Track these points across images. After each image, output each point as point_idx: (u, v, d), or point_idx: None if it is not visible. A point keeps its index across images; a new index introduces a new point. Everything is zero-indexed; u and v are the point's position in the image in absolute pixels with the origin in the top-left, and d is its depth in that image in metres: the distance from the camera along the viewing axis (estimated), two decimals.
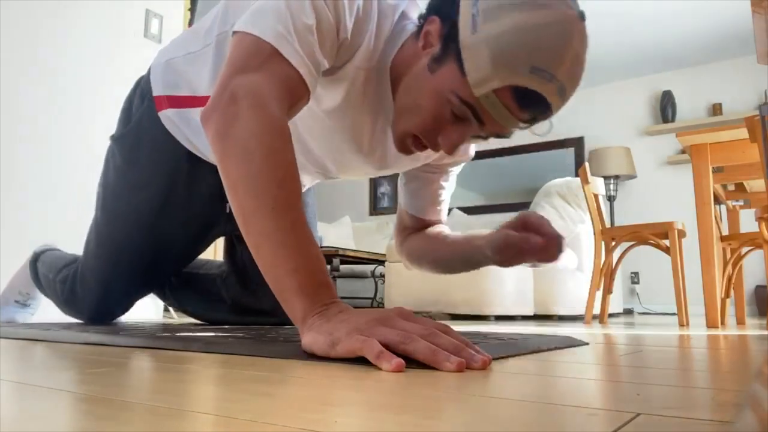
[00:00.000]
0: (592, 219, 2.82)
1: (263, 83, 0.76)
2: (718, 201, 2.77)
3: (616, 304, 3.89)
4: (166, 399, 0.41)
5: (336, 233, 5.17)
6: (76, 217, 2.11)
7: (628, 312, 4.93)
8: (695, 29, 4.47)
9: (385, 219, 5.87)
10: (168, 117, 1.18)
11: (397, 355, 0.58)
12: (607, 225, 3.35)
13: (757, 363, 0.76)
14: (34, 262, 1.53)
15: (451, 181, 1.23)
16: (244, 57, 0.79)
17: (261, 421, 0.33)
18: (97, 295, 1.33)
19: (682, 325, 2.29)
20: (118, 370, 0.57)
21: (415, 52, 0.88)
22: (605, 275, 2.77)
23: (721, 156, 2.33)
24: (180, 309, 1.57)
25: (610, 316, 3.94)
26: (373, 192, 6.35)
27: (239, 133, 0.73)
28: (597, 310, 3.00)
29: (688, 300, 2.69)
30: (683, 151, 4.78)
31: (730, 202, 2.99)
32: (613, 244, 2.76)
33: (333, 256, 3.72)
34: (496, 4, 0.75)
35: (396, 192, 5.70)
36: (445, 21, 0.82)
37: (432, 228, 1.22)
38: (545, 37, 0.74)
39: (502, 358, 0.73)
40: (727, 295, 2.53)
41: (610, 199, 4.98)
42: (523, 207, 5.16)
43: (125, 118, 1.27)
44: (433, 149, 0.90)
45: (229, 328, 1.31)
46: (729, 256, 2.67)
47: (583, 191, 2.88)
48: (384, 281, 3.57)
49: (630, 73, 5.24)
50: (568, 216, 3.60)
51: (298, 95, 0.81)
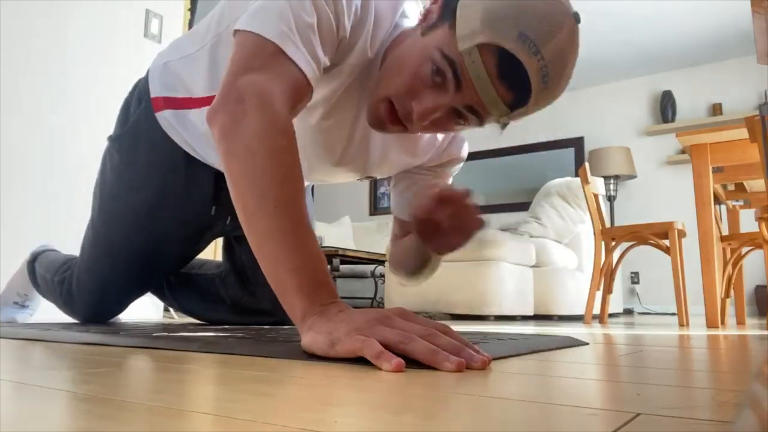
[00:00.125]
0: (592, 219, 2.82)
1: (269, 83, 0.76)
2: (718, 201, 2.77)
3: (616, 304, 3.89)
4: (166, 399, 0.41)
5: (336, 233, 5.17)
6: (75, 218, 2.11)
7: (628, 312, 4.93)
8: (695, 29, 4.48)
9: (385, 219, 5.87)
10: (165, 118, 1.18)
11: (397, 355, 0.58)
12: (607, 225, 3.35)
13: (757, 363, 0.76)
14: (32, 262, 1.53)
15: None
16: (249, 56, 0.79)
17: (261, 421, 0.33)
18: (93, 296, 1.33)
19: (682, 325, 2.29)
20: (118, 370, 0.57)
21: (410, 34, 0.89)
22: (605, 275, 2.77)
23: (721, 156, 2.33)
24: (179, 309, 1.57)
25: (610, 316, 3.94)
26: (373, 192, 6.35)
27: (244, 132, 0.74)
28: (597, 310, 3.00)
29: (688, 300, 2.69)
30: (683, 151, 4.78)
31: (730, 202, 2.99)
32: (613, 244, 2.76)
33: (333, 256, 3.72)
34: None
35: None
36: None
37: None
38: (537, 13, 0.75)
39: (502, 358, 0.73)
40: (727, 295, 2.53)
41: (610, 199, 4.98)
42: (523, 207, 5.16)
43: (123, 119, 1.27)
44: (404, 120, 0.87)
45: (228, 328, 1.31)
46: (729, 256, 2.67)
47: (583, 191, 2.88)
48: (384, 281, 3.57)
49: (630, 73, 5.25)
50: (568, 216, 3.61)
51: (301, 94, 0.81)
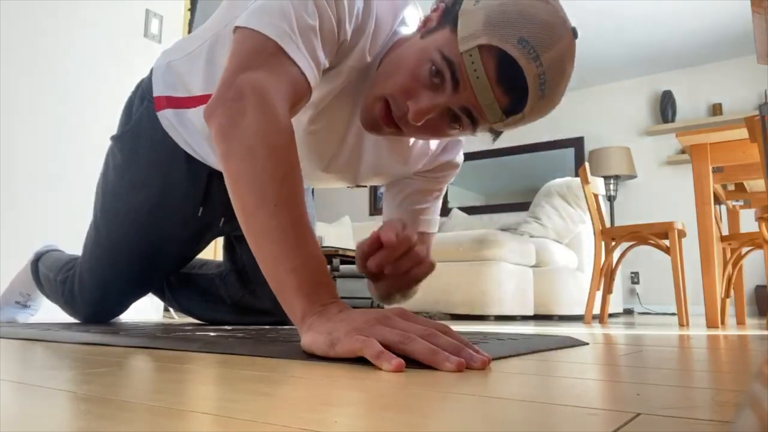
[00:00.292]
0: (592, 219, 2.82)
1: (268, 81, 0.76)
2: (718, 201, 2.77)
3: (616, 304, 3.89)
4: (166, 399, 0.41)
5: (336, 233, 5.16)
6: (76, 218, 2.11)
7: (628, 312, 4.93)
8: (695, 29, 4.47)
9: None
10: (166, 117, 1.18)
11: (397, 355, 0.58)
12: (607, 225, 3.34)
13: (757, 363, 0.76)
14: (36, 262, 1.53)
15: (437, 193, 1.20)
16: (249, 54, 0.78)
17: (261, 421, 0.33)
18: (94, 295, 1.33)
19: (682, 325, 2.29)
20: (118, 370, 0.57)
21: (409, 38, 0.90)
22: (605, 275, 2.77)
23: (721, 156, 2.33)
24: (179, 309, 1.57)
25: (610, 316, 3.94)
26: (373, 192, 6.35)
27: (243, 130, 0.73)
28: (597, 310, 3.00)
29: (688, 300, 2.69)
30: (683, 151, 4.78)
31: (730, 202, 2.99)
32: (613, 244, 2.76)
33: (333, 256, 3.72)
34: None
35: None
36: (450, 3, 0.84)
37: None
38: (538, 21, 0.77)
39: (502, 358, 0.73)
40: (727, 295, 2.53)
41: (610, 199, 4.98)
42: (523, 207, 5.16)
43: (125, 118, 1.28)
44: (399, 121, 0.87)
45: (229, 328, 1.31)
46: (729, 256, 2.67)
47: (583, 191, 2.88)
48: None
49: (630, 73, 5.25)
50: (568, 216, 3.61)
51: (300, 93, 0.81)
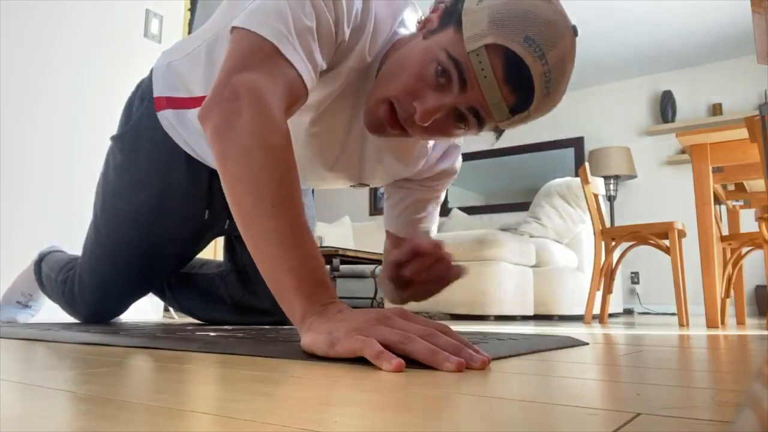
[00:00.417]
0: (592, 219, 2.82)
1: (264, 82, 0.76)
2: (718, 201, 2.77)
3: (616, 304, 3.88)
4: (166, 399, 0.41)
5: (336, 233, 5.16)
6: (76, 218, 2.11)
7: (628, 312, 4.93)
8: (695, 29, 4.47)
9: None
10: (166, 117, 1.18)
11: (397, 355, 0.58)
12: (607, 225, 3.35)
13: (757, 363, 0.76)
14: (39, 263, 1.53)
15: (436, 200, 1.22)
16: (245, 54, 0.78)
17: (261, 421, 0.33)
18: (94, 295, 1.33)
19: (682, 325, 2.29)
20: (118, 370, 0.57)
21: (408, 40, 0.90)
22: (605, 275, 2.77)
23: (721, 156, 2.33)
24: (180, 309, 1.57)
25: (610, 316, 3.94)
26: (373, 192, 6.35)
27: (239, 131, 0.73)
28: (597, 310, 3.00)
29: (688, 300, 2.69)
30: (683, 151, 4.78)
31: (730, 202, 2.99)
32: (613, 244, 2.76)
33: (333, 256, 3.71)
34: None
35: None
36: (451, 3, 0.83)
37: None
38: (543, 19, 0.77)
39: (502, 358, 0.73)
40: (727, 295, 2.53)
41: (610, 199, 4.98)
42: (523, 207, 5.16)
43: (125, 118, 1.28)
44: (404, 122, 0.87)
45: (229, 328, 1.31)
46: (729, 256, 2.67)
47: (583, 191, 2.88)
48: None
49: (630, 73, 5.25)
50: (568, 216, 3.61)
51: (296, 95, 0.81)
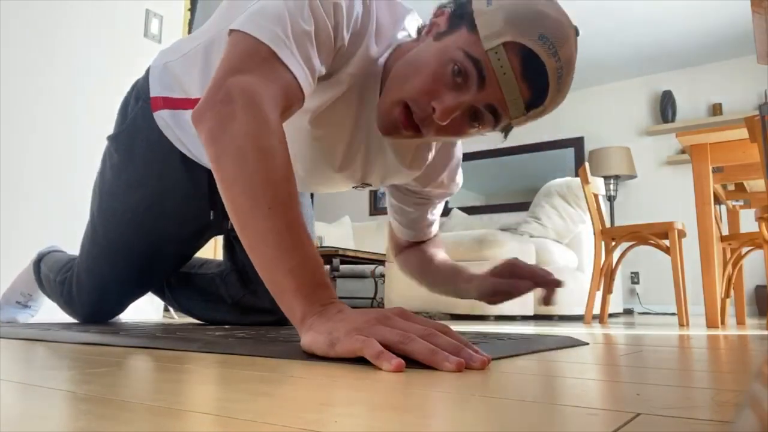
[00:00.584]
0: (592, 219, 2.82)
1: (259, 84, 0.76)
2: (718, 201, 2.77)
3: (616, 304, 3.88)
4: (166, 399, 0.41)
5: (336, 233, 5.16)
6: (76, 218, 2.11)
7: (628, 312, 4.93)
8: (695, 29, 4.47)
9: (385, 219, 5.84)
10: (162, 117, 1.18)
11: (397, 355, 0.58)
12: (607, 225, 3.34)
13: (757, 363, 0.76)
14: (38, 262, 1.53)
15: (439, 207, 1.27)
16: (241, 57, 0.78)
17: (261, 421, 0.33)
18: (92, 296, 1.33)
19: (682, 325, 2.29)
20: (118, 370, 0.57)
21: (414, 44, 0.91)
22: (605, 275, 2.77)
23: (721, 156, 2.33)
24: (179, 309, 1.57)
25: (610, 316, 3.94)
26: (373, 192, 6.35)
27: (234, 133, 0.72)
28: (597, 310, 3.00)
29: (688, 300, 2.69)
30: (683, 151, 4.78)
31: (730, 202, 2.99)
32: (613, 244, 2.75)
33: (333, 256, 3.72)
34: None
35: None
36: (456, 7, 0.85)
37: (426, 246, 1.29)
38: (552, 18, 0.80)
39: (502, 358, 0.73)
40: (727, 295, 2.53)
41: (610, 199, 4.98)
42: (523, 207, 5.16)
43: (121, 117, 1.28)
44: (421, 123, 0.86)
45: (229, 328, 1.31)
46: (729, 256, 2.67)
47: (583, 191, 2.88)
48: (384, 281, 3.57)
49: (630, 73, 5.25)
50: (568, 216, 3.61)
51: (292, 99, 0.81)
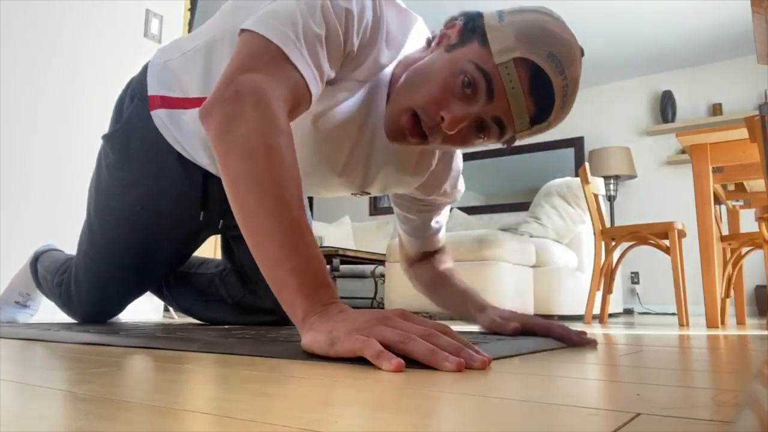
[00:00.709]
0: (592, 219, 2.82)
1: (268, 83, 0.76)
2: (718, 201, 2.77)
3: (616, 304, 3.88)
4: (166, 399, 0.41)
5: (336, 233, 5.16)
6: (76, 218, 2.11)
7: (628, 312, 4.93)
8: (695, 29, 4.47)
9: (385, 219, 5.87)
10: (159, 117, 1.18)
11: (397, 355, 0.58)
12: (607, 225, 3.34)
13: (757, 363, 0.76)
14: (34, 262, 1.53)
15: (444, 213, 1.29)
16: (251, 56, 0.79)
17: (261, 421, 0.33)
18: (90, 296, 1.32)
19: (682, 325, 2.29)
20: (117, 370, 0.57)
21: (423, 54, 0.93)
22: (605, 275, 2.77)
23: (721, 156, 2.33)
24: (179, 309, 1.57)
25: (610, 316, 3.94)
26: None
27: (242, 130, 0.73)
28: (597, 310, 3.00)
29: (688, 300, 2.69)
30: (683, 151, 4.78)
31: (730, 202, 2.99)
32: (613, 244, 2.75)
33: (333, 256, 3.72)
34: (520, 8, 0.86)
35: None
36: (468, 21, 0.88)
37: (438, 263, 1.31)
38: (562, 38, 0.83)
39: (502, 358, 0.73)
40: (727, 295, 2.53)
41: (610, 199, 4.98)
42: (523, 207, 5.16)
43: (116, 116, 1.27)
44: (429, 131, 0.88)
45: (229, 328, 1.31)
46: (729, 256, 2.67)
47: (583, 191, 2.88)
48: (384, 281, 3.57)
49: (630, 73, 5.25)
50: (568, 216, 3.60)
51: (300, 99, 0.81)
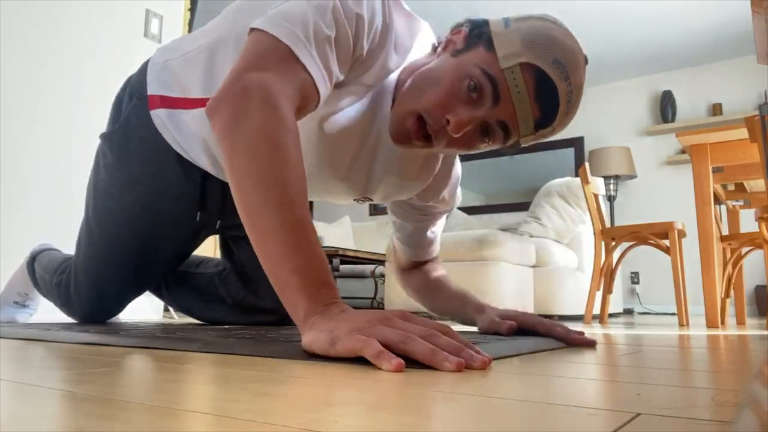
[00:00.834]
0: (592, 219, 2.82)
1: (276, 81, 0.77)
2: (718, 201, 2.77)
3: (616, 304, 3.88)
4: (166, 399, 0.41)
5: (336, 233, 5.16)
6: (76, 218, 2.11)
7: (628, 312, 4.93)
8: (695, 29, 4.47)
9: (385, 219, 5.87)
10: (158, 116, 1.17)
11: (397, 355, 0.58)
12: (607, 225, 3.34)
13: (757, 363, 0.76)
14: (32, 263, 1.52)
15: (440, 223, 1.29)
16: (260, 54, 0.79)
17: (261, 421, 0.33)
18: (90, 296, 1.32)
19: (682, 325, 2.29)
20: (117, 370, 0.57)
21: (429, 59, 0.94)
22: (605, 275, 2.77)
23: (721, 156, 2.33)
24: (178, 308, 1.56)
25: (610, 316, 3.94)
26: None
27: (248, 128, 0.73)
28: (597, 310, 3.00)
29: (688, 300, 2.69)
30: (683, 151, 4.78)
31: (730, 202, 2.99)
32: (613, 244, 2.75)
33: (333, 256, 3.72)
34: (526, 16, 0.87)
35: None
36: (474, 27, 0.89)
37: (430, 270, 1.31)
38: (567, 46, 0.85)
39: (502, 358, 0.73)
40: (727, 295, 2.53)
41: (610, 199, 4.98)
42: (523, 207, 5.16)
43: (114, 115, 1.27)
44: (434, 134, 0.89)
45: (229, 328, 1.31)
46: (729, 256, 2.67)
47: (583, 191, 2.88)
48: (384, 281, 3.57)
49: (630, 73, 5.24)
50: (568, 216, 3.60)
51: (308, 99, 0.82)
